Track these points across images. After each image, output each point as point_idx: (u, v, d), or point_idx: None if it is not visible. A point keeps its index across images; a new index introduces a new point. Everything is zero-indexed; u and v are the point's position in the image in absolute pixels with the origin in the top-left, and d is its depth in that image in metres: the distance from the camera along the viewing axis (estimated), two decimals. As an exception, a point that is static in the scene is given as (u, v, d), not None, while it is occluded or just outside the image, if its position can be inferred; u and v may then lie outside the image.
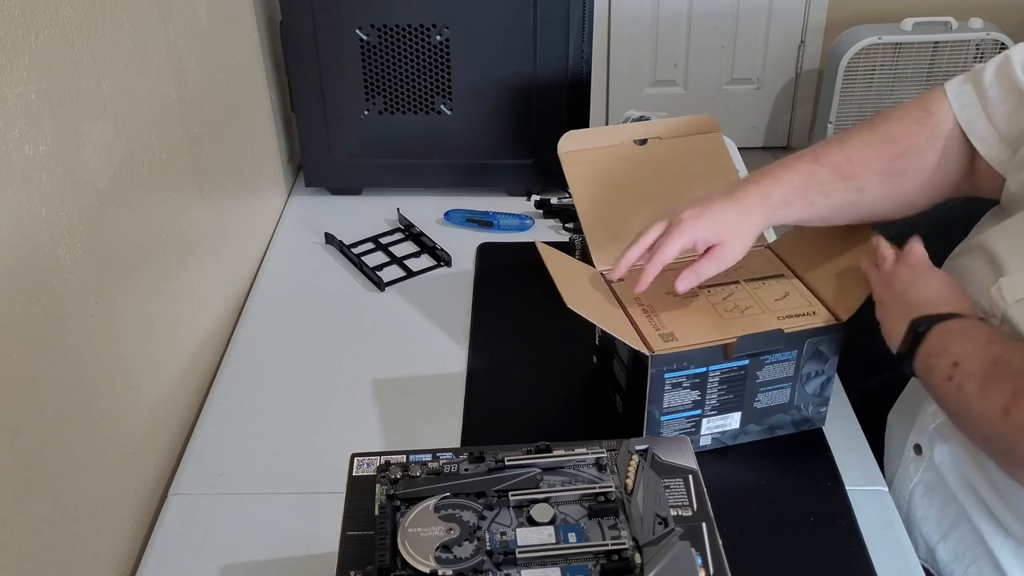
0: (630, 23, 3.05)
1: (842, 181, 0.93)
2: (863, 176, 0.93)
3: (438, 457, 0.71)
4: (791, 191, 0.93)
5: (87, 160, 0.82)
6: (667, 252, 0.90)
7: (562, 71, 1.32)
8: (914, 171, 0.93)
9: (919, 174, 0.93)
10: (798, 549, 0.87)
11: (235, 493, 0.94)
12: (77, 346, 0.81)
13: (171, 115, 1.00)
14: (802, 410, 0.97)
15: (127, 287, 0.90)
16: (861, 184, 0.93)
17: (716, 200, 0.92)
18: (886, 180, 0.93)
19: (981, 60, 2.82)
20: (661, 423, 0.92)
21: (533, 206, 1.39)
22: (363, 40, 1.31)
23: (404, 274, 1.26)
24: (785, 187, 0.93)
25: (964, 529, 0.91)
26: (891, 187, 0.93)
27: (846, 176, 0.93)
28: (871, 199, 0.94)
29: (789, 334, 0.91)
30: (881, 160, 0.93)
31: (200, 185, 1.09)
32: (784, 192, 0.93)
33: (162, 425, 0.99)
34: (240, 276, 1.24)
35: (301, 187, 1.46)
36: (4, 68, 0.69)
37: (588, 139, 1.05)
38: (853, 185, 0.93)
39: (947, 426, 0.91)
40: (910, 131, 0.94)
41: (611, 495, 0.67)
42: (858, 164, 0.93)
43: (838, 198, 0.93)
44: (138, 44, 0.92)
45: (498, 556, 0.63)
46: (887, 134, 0.94)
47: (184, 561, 0.87)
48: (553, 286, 0.89)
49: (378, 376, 1.08)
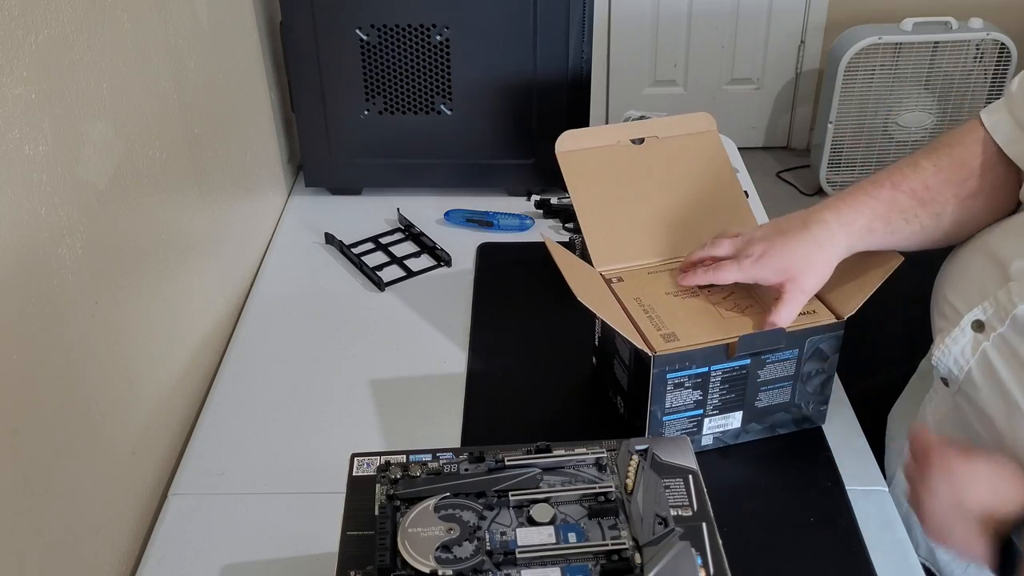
0: (630, 23, 3.05)
1: (921, 207, 0.92)
2: (939, 201, 0.92)
3: (438, 457, 0.71)
4: (874, 218, 0.91)
5: (87, 160, 0.82)
6: (723, 278, 0.93)
7: (562, 71, 1.32)
8: (984, 191, 0.92)
9: (988, 194, 0.93)
10: (798, 549, 0.87)
11: (235, 493, 0.94)
12: (77, 346, 0.81)
13: (171, 115, 1.00)
14: (803, 409, 0.97)
15: (127, 287, 0.90)
16: (939, 210, 0.92)
17: (788, 233, 0.91)
18: (961, 204, 0.92)
19: (981, 60, 2.83)
20: (663, 423, 0.92)
21: (533, 206, 1.39)
22: (363, 40, 1.31)
23: (404, 274, 1.26)
24: (867, 215, 0.91)
25: (964, 528, 0.91)
26: (966, 211, 0.92)
27: (924, 202, 0.92)
28: (947, 225, 0.93)
29: (790, 333, 0.91)
30: (955, 183, 0.92)
31: (200, 185, 1.09)
32: (867, 220, 0.91)
33: (162, 425, 0.99)
34: (240, 276, 1.24)
35: (301, 187, 1.46)
36: (4, 68, 0.69)
37: (585, 138, 1.05)
38: (931, 211, 0.92)
39: (947, 424, 0.91)
40: (973, 152, 0.93)
41: (611, 495, 0.67)
42: (934, 189, 0.92)
43: (917, 224, 0.92)
44: (138, 44, 0.92)
45: (498, 556, 0.63)
46: (954, 158, 0.93)
47: (184, 561, 0.87)
48: (560, 282, 0.89)
49: (378, 376, 1.08)
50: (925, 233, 0.93)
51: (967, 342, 0.87)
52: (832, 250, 0.91)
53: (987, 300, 0.85)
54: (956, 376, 0.88)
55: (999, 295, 0.84)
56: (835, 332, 0.93)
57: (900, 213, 0.92)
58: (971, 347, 0.86)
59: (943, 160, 0.93)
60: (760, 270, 0.91)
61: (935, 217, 0.92)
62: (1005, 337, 0.83)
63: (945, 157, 0.93)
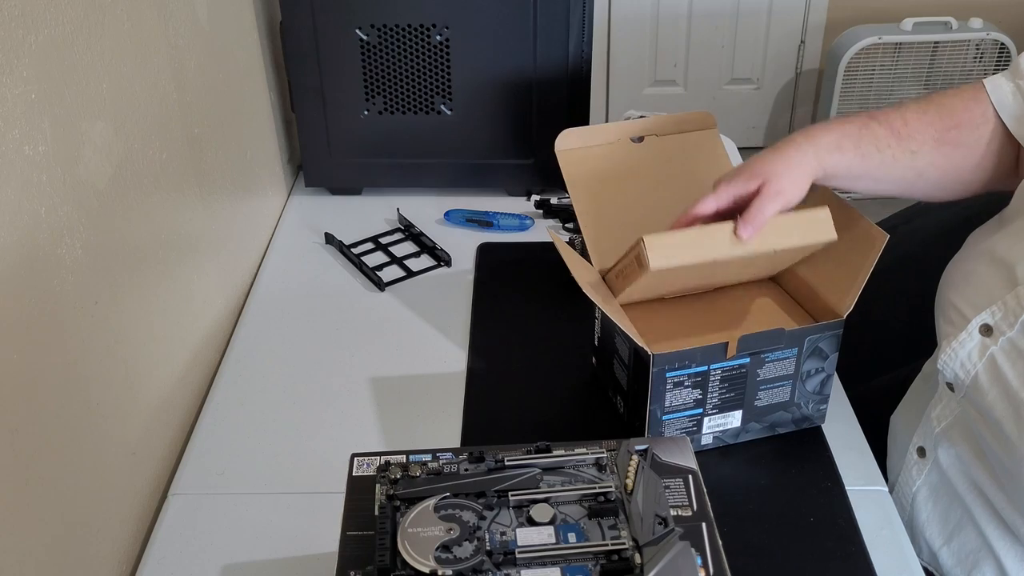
0: (630, 23, 3.05)
1: (896, 140, 0.92)
2: (917, 139, 0.92)
3: (438, 457, 0.71)
4: (842, 137, 0.91)
5: (87, 160, 0.82)
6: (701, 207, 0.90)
7: (562, 71, 1.32)
8: (967, 145, 0.93)
9: (972, 149, 0.93)
10: (798, 549, 0.87)
11: (235, 493, 0.94)
12: (77, 346, 0.81)
13: (171, 115, 1.00)
14: (802, 408, 0.97)
15: (127, 287, 0.90)
16: (915, 147, 0.92)
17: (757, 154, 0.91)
18: (939, 149, 0.92)
19: (981, 60, 2.83)
20: (663, 422, 0.92)
21: (533, 206, 1.39)
22: (363, 40, 1.31)
23: (404, 274, 1.26)
24: (835, 133, 0.91)
25: (968, 532, 0.91)
26: (943, 156, 0.93)
27: (900, 136, 0.92)
28: (922, 165, 0.93)
29: (790, 332, 0.91)
30: (936, 128, 0.93)
31: (200, 185, 1.09)
32: (835, 137, 0.91)
33: (162, 425, 0.99)
34: (240, 276, 1.24)
35: (301, 187, 1.46)
36: (4, 68, 0.69)
37: (585, 137, 1.05)
38: (906, 147, 0.92)
39: (953, 429, 0.91)
40: (966, 105, 0.94)
41: (611, 495, 0.67)
42: (913, 126, 0.92)
43: (889, 154, 0.92)
44: (138, 44, 0.92)
45: (498, 556, 0.63)
46: (943, 106, 0.94)
47: (184, 561, 0.87)
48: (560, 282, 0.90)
49: (378, 376, 1.08)
50: (898, 168, 0.93)
51: (974, 346, 0.86)
52: (801, 159, 0.90)
53: (995, 304, 0.85)
54: (962, 380, 0.88)
55: (1007, 299, 0.84)
56: (834, 331, 0.93)
57: (872, 140, 0.92)
58: (978, 351, 0.86)
59: (930, 107, 0.94)
60: (733, 185, 0.89)
61: (910, 154, 0.92)
62: (1014, 341, 0.83)
63: (933, 104, 0.94)
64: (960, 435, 0.91)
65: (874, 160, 0.92)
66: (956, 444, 0.91)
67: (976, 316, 0.86)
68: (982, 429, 0.86)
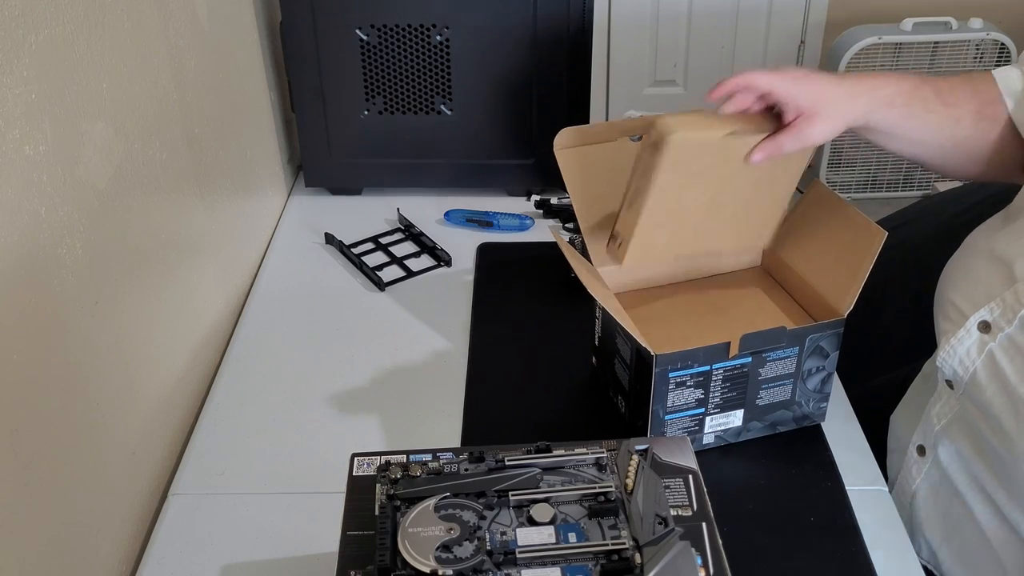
0: (630, 23, 3.05)
1: (943, 106, 0.93)
2: (960, 107, 0.93)
3: (438, 457, 0.71)
4: (898, 93, 0.92)
5: (87, 160, 0.82)
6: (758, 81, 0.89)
7: (562, 71, 1.32)
8: (1001, 122, 0.94)
9: (1003, 129, 0.94)
10: (798, 549, 0.87)
11: (235, 493, 0.94)
12: (77, 346, 0.81)
13: (171, 115, 1.00)
14: (803, 406, 0.97)
15: (127, 287, 0.90)
16: (958, 115, 0.93)
17: (825, 75, 0.91)
18: (978, 122, 0.94)
19: (981, 60, 2.83)
20: (665, 422, 0.92)
21: (533, 206, 1.39)
22: (363, 40, 1.31)
23: (404, 274, 1.26)
24: (893, 88, 0.92)
25: (969, 530, 0.91)
26: (981, 130, 0.94)
27: (947, 103, 0.93)
28: (962, 135, 0.94)
29: (791, 331, 0.91)
30: (978, 101, 0.94)
31: (200, 185, 1.09)
32: (892, 92, 0.92)
33: (162, 425, 0.99)
34: (240, 276, 1.24)
35: (301, 187, 1.46)
36: (4, 68, 0.69)
37: (584, 135, 1.05)
38: (951, 114, 0.93)
39: (953, 427, 0.91)
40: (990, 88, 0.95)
41: (611, 495, 0.67)
42: (958, 95, 0.94)
43: (934, 120, 0.93)
44: (138, 44, 0.92)
45: (498, 556, 0.63)
46: (983, 84, 0.95)
47: (184, 561, 0.87)
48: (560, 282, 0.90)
49: (378, 376, 1.08)
50: (940, 135, 0.94)
51: (972, 343, 0.86)
52: (852, 109, 0.90)
53: (994, 301, 0.85)
54: (961, 377, 0.88)
55: (1006, 296, 0.84)
56: (835, 329, 0.93)
57: (922, 101, 0.93)
58: (976, 348, 0.86)
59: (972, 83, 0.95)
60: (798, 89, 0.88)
61: (953, 122, 0.94)
62: (1012, 337, 0.83)
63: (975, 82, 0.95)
64: (960, 432, 0.91)
65: (918, 121, 0.93)
66: (956, 441, 0.91)
67: (975, 313, 0.86)
68: (981, 425, 0.87)
